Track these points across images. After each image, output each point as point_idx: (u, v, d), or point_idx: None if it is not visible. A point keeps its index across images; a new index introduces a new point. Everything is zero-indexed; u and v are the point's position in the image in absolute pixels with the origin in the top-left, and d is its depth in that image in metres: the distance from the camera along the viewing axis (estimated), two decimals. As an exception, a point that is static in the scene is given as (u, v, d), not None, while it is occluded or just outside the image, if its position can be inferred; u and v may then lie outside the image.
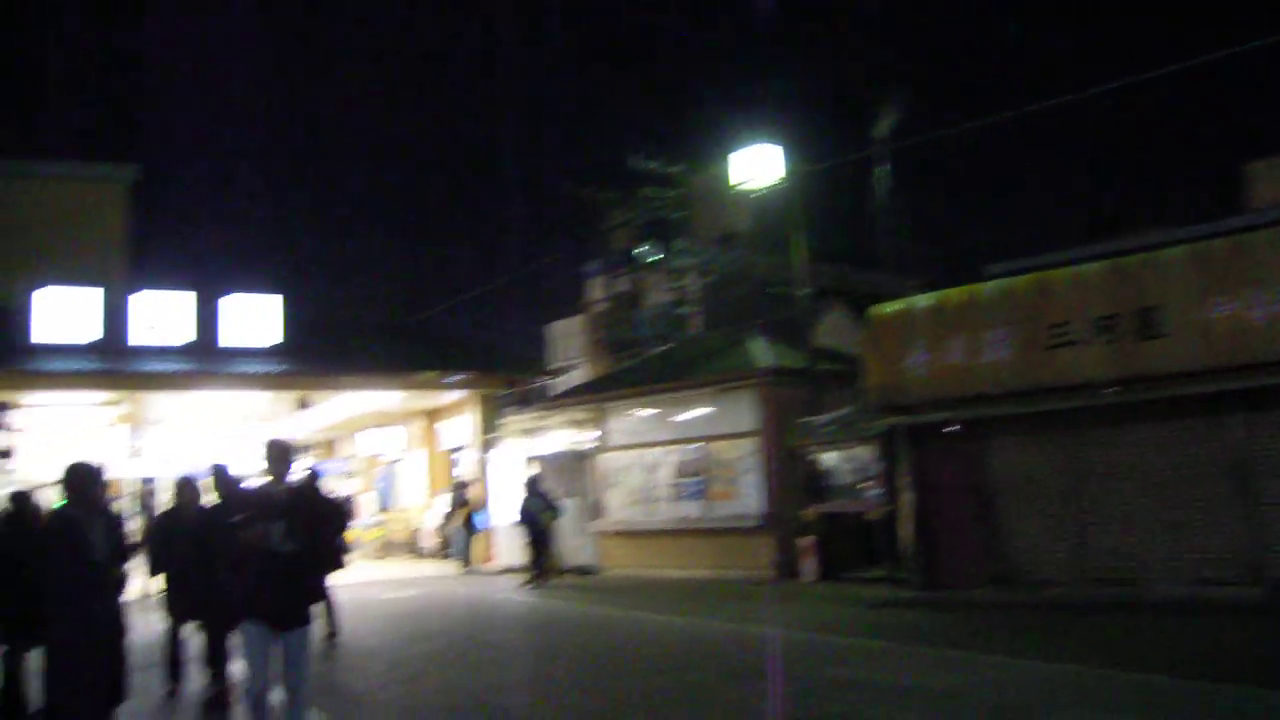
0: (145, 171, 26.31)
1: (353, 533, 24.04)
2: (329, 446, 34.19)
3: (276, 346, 22.04)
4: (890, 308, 14.76)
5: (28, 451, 21.48)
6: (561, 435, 22.93)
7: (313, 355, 22.47)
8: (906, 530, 14.43)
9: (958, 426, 14.05)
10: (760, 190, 19.97)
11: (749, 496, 18.13)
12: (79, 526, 6.99)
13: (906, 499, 14.46)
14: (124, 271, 24.36)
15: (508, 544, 21.67)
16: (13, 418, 21.13)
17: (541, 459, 22.82)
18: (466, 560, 22.46)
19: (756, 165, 19.48)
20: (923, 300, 14.38)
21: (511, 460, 23.57)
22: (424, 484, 27.16)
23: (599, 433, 21.18)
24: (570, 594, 17.13)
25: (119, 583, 7.52)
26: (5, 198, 24.14)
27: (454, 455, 26.27)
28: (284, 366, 21.98)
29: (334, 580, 11.99)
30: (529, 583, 18.36)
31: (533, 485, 19.41)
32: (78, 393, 21.15)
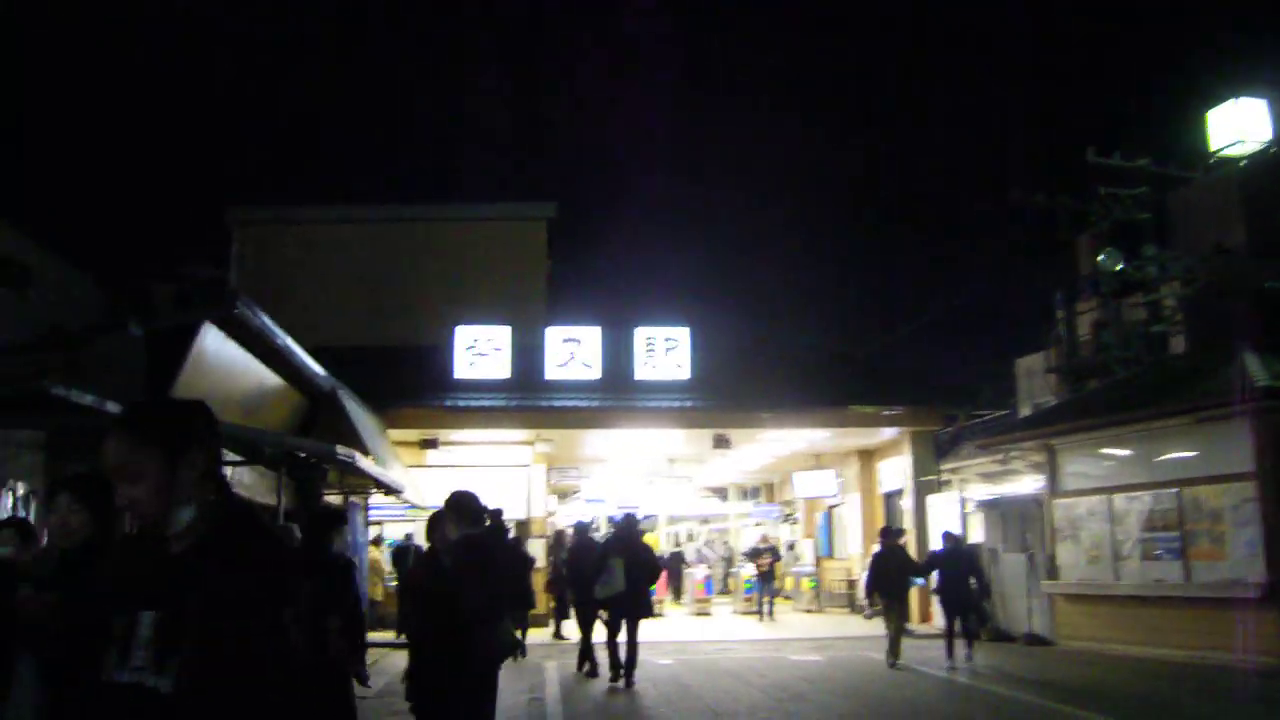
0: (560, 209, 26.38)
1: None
2: (769, 490, 32.76)
3: (687, 381, 20.76)
4: None
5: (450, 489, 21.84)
6: (1008, 478, 19.70)
7: (727, 389, 20.93)
8: None
9: None
10: (1244, 157, 15.73)
11: (1244, 558, 13.99)
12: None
13: None
14: (542, 308, 24.36)
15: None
16: (439, 454, 21.62)
17: (984, 505, 19.73)
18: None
19: (1240, 125, 15.32)
20: None
21: (952, 506, 20.64)
22: (860, 531, 24.72)
23: (1050, 475, 17.76)
24: (1010, 677, 13.78)
25: None
26: (433, 241, 25.05)
27: (900, 500, 23.68)
28: (696, 402, 20.65)
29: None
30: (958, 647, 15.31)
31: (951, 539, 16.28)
32: (496, 431, 21.07)
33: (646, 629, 13.32)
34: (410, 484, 18.62)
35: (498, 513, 7.68)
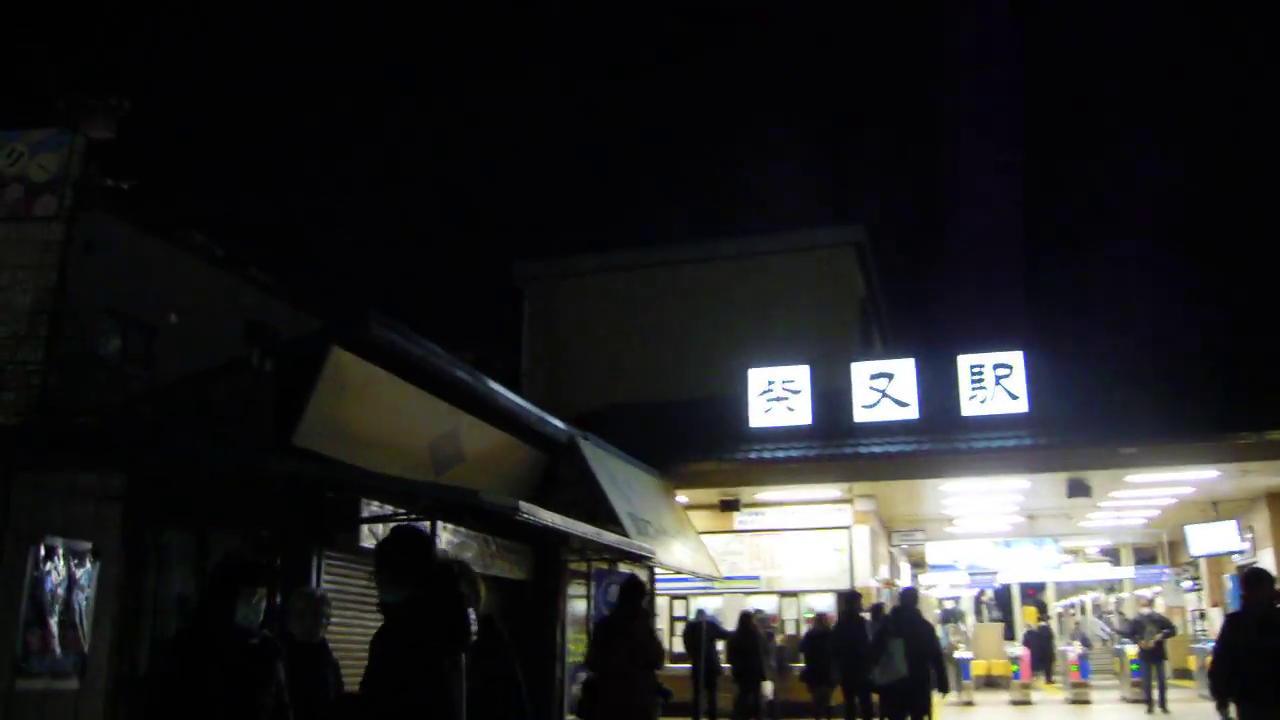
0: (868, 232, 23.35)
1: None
2: (1164, 550, 27.47)
3: (1025, 415, 17.10)
4: None
5: (764, 558, 19.37)
6: None
7: (1075, 422, 17.03)
8: None
9: None
10: None
11: None
12: None
13: None
14: (854, 343, 21.39)
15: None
16: (746, 517, 19.25)
17: None
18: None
19: None
20: None
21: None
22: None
23: None
24: None
25: None
26: (727, 279, 22.72)
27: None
28: (1037, 439, 16.92)
29: None
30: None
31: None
32: (800, 488, 18.32)
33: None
34: (692, 551, 16.34)
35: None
